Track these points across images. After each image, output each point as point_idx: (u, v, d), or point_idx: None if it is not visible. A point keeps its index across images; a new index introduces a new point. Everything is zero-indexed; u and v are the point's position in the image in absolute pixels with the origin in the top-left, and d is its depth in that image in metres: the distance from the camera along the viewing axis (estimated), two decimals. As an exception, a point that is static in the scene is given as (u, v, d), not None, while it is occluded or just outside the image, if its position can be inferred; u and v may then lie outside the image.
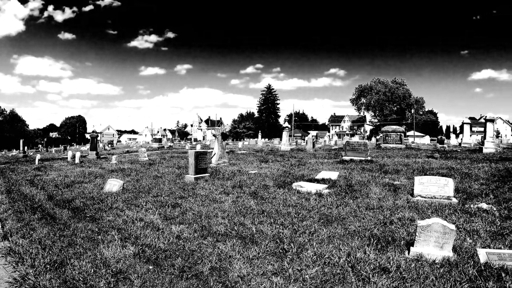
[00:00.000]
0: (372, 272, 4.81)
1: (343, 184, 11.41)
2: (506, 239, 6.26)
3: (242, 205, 8.79)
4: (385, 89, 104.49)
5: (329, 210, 8.29)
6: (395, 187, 10.88)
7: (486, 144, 28.00)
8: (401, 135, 34.69)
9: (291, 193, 10.07)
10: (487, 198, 9.46)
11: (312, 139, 37.33)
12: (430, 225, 5.35)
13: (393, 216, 7.68)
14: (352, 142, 21.04)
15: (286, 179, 12.65)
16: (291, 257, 5.39)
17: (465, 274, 4.74)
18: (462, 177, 12.93)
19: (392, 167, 15.78)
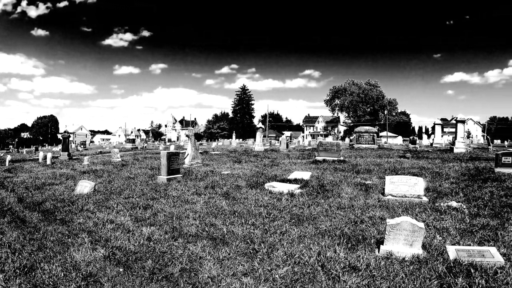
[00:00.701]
0: (342, 270, 4.85)
1: (315, 184, 11.48)
2: (475, 236, 6.43)
3: (214, 206, 8.75)
4: (359, 91, 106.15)
5: (300, 210, 8.35)
6: (367, 186, 11.03)
7: (456, 144, 28.76)
8: (373, 135, 35.26)
9: (263, 194, 10.08)
10: (457, 196, 9.71)
11: (286, 139, 37.48)
12: (399, 223, 5.42)
13: (364, 215, 7.79)
14: (325, 142, 21.25)
15: (258, 179, 12.65)
16: (261, 257, 5.39)
17: (435, 271, 4.82)
18: (433, 176, 13.23)
19: (364, 167, 16.00)
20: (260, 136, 35.65)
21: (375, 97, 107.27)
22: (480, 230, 6.74)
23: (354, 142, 36.26)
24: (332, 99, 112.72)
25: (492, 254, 5.35)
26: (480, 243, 6.13)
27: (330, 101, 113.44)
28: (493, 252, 5.45)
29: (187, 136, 18.83)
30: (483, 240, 6.28)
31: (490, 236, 6.44)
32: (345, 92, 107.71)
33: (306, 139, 74.58)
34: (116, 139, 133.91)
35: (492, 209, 8.36)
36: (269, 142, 64.08)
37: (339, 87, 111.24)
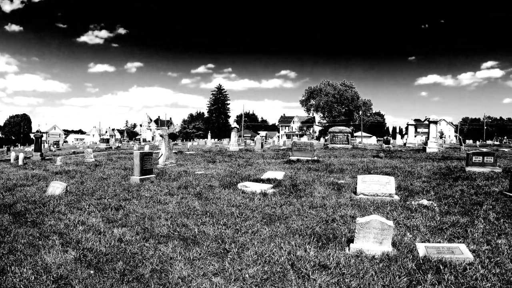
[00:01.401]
0: (312, 269, 4.89)
1: (288, 183, 11.53)
2: (445, 233, 6.58)
3: (186, 206, 8.71)
4: (334, 91, 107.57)
5: (272, 209, 8.38)
6: (340, 186, 11.13)
7: (429, 144, 29.40)
8: (347, 135, 35.67)
9: (236, 193, 10.09)
10: (428, 194, 9.91)
11: (261, 139, 37.54)
12: (368, 221, 5.48)
13: (336, 214, 7.86)
14: (299, 142, 21.36)
15: (232, 179, 12.64)
16: (232, 257, 5.40)
17: (404, 268, 4.88)
18: (405, 175, 13.46)
19: (337, 167, 16.16)
20: (235, 136, 35.64)
21: (350, 98, 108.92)
22: (450, 228, 6.88)
23: (328, 142, 36.63)
24: (308, 99, 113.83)
25: (462, 251, 5.46)
26: (450, 240, 6.26)
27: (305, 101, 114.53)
28: (463, 248, 5.56)
29: (161, 136, 18.64)
30: (453, 237, 6.42)
31: (460, 233, 6.59)
32: (321, 93, 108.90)
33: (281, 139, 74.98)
34: (90, 139, 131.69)
35: (462, 207, 8.56)
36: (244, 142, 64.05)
37: (314, 88, 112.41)
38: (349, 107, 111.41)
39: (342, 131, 36.08)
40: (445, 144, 53.60)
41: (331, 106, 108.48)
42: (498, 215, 7.78)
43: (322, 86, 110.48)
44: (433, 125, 31.42)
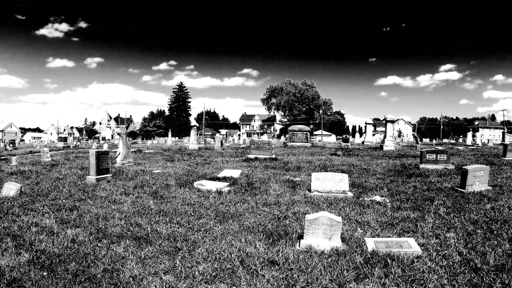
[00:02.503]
0: (261, 265, 4.98)
1: (244, 181, 11.58)
2: (395, 228, 6.80)
3: (141, 205, 8.67)
4: (295, 90, 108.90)
5: (227, 207, 8.44)
6: (295, 183, 11.25)
7: (386, 142, 30.21)
8: (307, 134, 36.11)
9: (191, 192, 10.07)
10: (382, 191, 10.19)
11: (220, 137, 37.48)
12: (317, 218, 5.61)
13: (289, 211, 7.98)
14: (257, 140, 21.40)
15: (189, 178, 12.57)
16: (182, 255, 5.44)
17: (352, 263, 5.02)
18: (361, 172, 13.77)
19: (295, 165, 16.34)
20: (194, 134, 35.49)
21: (311, 97, 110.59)
22: (400, 223, 7.11)
23: (288, 140, 36.98)
24: (269, 98, 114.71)
25: (410, 245, 5.65)
26: (400, 234, 6.47)
27: (266, 100, 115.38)
28: (411, 242, 5.75)
29: (118, 134, 18.32)
30: (403, 231, 6.64)
31: (410, 228, 6.82)
32: (282, 92, 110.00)
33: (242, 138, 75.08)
34: (48, 137, 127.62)
35: (414, 202, 8.85)
36: (204, 140, 63.85)
37: (276, 87, 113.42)
38: (310, 106, 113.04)
39: (302, 130, 36.50)
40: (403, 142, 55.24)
41: (292, 105, 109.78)
42: (449, 210, 8.10)
43: (284, 85, 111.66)
44: (390, 124, 32.29)
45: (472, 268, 4.97)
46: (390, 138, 31.38)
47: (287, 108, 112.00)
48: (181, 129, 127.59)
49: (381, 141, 35.42)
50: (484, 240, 6.17)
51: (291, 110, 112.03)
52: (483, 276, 4.71)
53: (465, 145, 42.83)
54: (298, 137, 35.91)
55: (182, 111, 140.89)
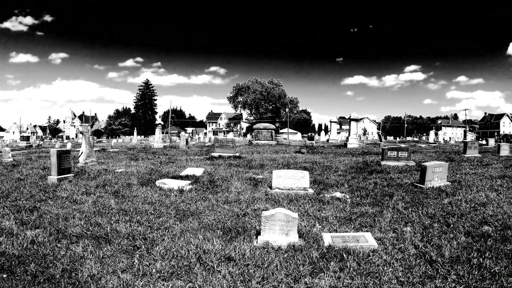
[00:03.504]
0: (218, 261, 5.00)
1: (206, 179, 11.54)
2: (354, 223, 6.95)
3: (102, 205, 8.53)
4: (262, 89, 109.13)
5: (187, 205, 8.42)
6: (257, 181, 11.29)
7: (350, 140, 30.76)
8: (272, 132, 36.30)
9: (153, 191, 9.98)
10: (342, 187, 10.36)
11: (185, 136, 37.17)
12: (273, 214, 5.66)
13: (249, 208, 8.03)
14: (221, 139, 21.34)
15: (151, 176, 12.41)
16: (141, 253, 5.42)
17: (309, 257, 5.08)
18: (323, 169, 13.94)
19: (258, 162, 16.39)
20: (159, 132, 35.12)
21: (278, 96, 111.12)
22: (359, 218, 7.26)
23: (253, 138, 37.05)
24: (236, 96, 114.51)
25: (367, 239, 5.75)
26: (358, 229, 6.61)
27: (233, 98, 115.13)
28: (368, 237, 5.85)
29: (81, 133, 17.77)
30: (361, 226, 6.79)
31: (368, 223, 6.98)
32: (249, 90, 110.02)
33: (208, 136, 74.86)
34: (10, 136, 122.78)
35: (374, 198, 9.05)
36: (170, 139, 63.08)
37: (242, 85, 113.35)
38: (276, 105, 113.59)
39: (267, 128, 36.64)
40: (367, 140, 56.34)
41: (259, 103, 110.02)
42: (407, 205, 8.31)
43: (250, 84, 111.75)
44: (354, 123, 32.92)
45: (427, 261, 5.12)
46: (354, 136, 31.96)
47: (253, 106, 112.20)
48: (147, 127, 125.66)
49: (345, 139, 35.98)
50: (441, 233, 6.36)
51: (258, 108, 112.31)
52: (438, 268, 4.85)
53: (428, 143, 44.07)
54: (263, 135, 36.03)
55: (148, 109, 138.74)
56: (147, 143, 45.67)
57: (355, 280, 4.48)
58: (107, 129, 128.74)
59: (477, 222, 6.95)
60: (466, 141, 23.56)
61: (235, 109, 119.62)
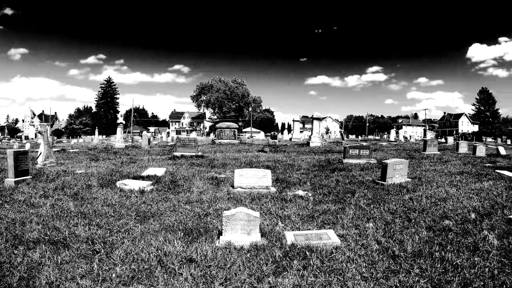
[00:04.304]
0: (179, 264, 4.87)
1: (168, 179, 11.35)
2: (316, 221, 6.95)
3: (60, 208, 8.18)
4: (225, 88, 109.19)
5: (148, 206, 8.21)
6: (219, 180, 11.19)
7: (312, 139, 31.08)
8: (234, 131, 36.21)
9: (113, 192, 9.69)
10: (305, 185, 10.40)
11: (148, 135, 36.61)
12: (234, 214, 5.60)
13: (211, 208, 7.91)
14: (183, 138, 21.10)
15: (112, 177, 12.08)
16: (100, 258, 5.23)
17: (271, 256, 5.02)
18: (286, 168, 13.98)
19: (221, 162, 16.29)
20: (121, 132, 34.46)
21: (241, 95, 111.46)
22: (321, 215, 7.28)
23: (216, 137, 36.83)
24: (199, 95, 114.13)
25: (329, 236, 5.76)
26: (320, 227, 6.62)
27: (196, 97, 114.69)
28: (330, 234, 5.86)
29: (39, 133, 17.17)
30: (324, 224, 6.80)
31: (331, 220, 7.00)
32: (212, 89, 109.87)
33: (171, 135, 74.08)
34: None
35: (336, 195, 9.11)
36: (131, 138, 62.12)
37: (206, 84, 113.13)
38: (240, 104, 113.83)
39: (230, 127, 36.51)
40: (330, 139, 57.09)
41: (222, 102, 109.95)
42: (369, 202, 8.42)
43: (214, 83, 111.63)
44: (316, 122, 33.28)
45: (390, 256, 5.17)
46: (317, 135, 32.30)
47: (216, 105, 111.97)
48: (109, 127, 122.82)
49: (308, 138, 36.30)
50: (403, 228, 6.46)
51: (221, 107, 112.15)
52: (401, 263, 4.91)
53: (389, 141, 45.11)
54: (226, 134, 35.91)
55: (110, 108, 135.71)
56: (109, 143, 44.78)
57: (319, 278, 4.46)
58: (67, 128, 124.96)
59: (438, 216, 7.11)
60: (426, 140, 24.24)
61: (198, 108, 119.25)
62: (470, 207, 7.66)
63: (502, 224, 6.66)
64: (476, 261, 5.01)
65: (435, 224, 6.67)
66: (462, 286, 4.40)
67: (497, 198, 8.65)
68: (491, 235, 6.08)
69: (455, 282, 4.44)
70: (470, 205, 7.84)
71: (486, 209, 7.62)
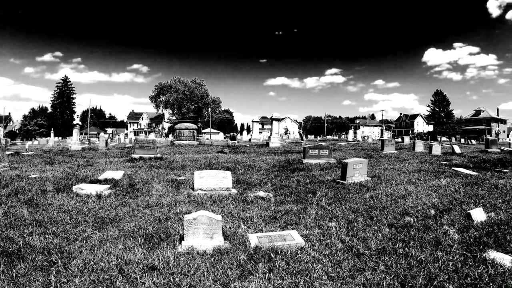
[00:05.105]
0: (141, 272, 4.66)
1: (126, 183, 11.00)
2: (279, 222, 6.89)
3: (14, 215, 7.69)
4: (184, 88, 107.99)
5: (106, 212, 7.87)
6: (179, 182, 10.96)
7: (272, 139, 31.22)
8: (193, 132, 35.86)
9: (70, 197, 9.25)
10: (266, 186, 10.36)
11: (105, 137, 35.70)
12: (196, 218, 5.44)
13: (171, 211, 7.68)
14: (141, 139, 20.68)
15: (68, 182, 11.59)
16: (58, 269, 4.92)
17: (236, 260, 4.90)
18: (246, 169, 13.90)
19: (180, 163, 16.03)
20: (77, 134, 33.45)
21: (200, 95, 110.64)
22: (284, 216, 7.23)
23: (175, 139, 36.39)
24: (158, 95, 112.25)
25: (293, 237, 5.71)
26: (283, 228, 6.56)
27: (155, 97, 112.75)
28: (294, 235, 5.81)
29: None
30: (287, 224, 6.75)
31: (293, 220, 6.97)
32: (171, 89, 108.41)
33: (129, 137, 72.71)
34: None
35: (297, 195, 9.11)
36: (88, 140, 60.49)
37: (165, 84, 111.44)
38: (199, 104, 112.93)
39: (189, 128, 36.13)
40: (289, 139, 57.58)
41: (181, 103, 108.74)
42: (330, 201, 8.45)
43: (173, 83, 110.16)
44: (276, 122, 33.48)
45: (355, 254, 5.18)
46: (276, 136, 32.47)
47: (175, 106, 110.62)
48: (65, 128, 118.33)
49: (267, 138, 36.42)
50: (365, 226, 6.51)
51: (180, 108, 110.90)
52: (366, 261, 4.93)
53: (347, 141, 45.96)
54: (185, 135, 35.51)
55: (66, 108, 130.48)
56: (65, 145, 43.38)
57: (285, 280, 4.39)
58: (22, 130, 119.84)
59: (399, 213, 7.23)
60: (384, 139, 24.80)
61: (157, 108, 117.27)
62: (429, 204, 7.84)
63: (462, 219, 6.86)
64: (439, 256, 5.12)
65: (397, 221, 6.77)
66: (427, 280, 4.45)
67: (454, 194, 8.90)
68: (451, 230, 6.23)
69: (420, 277, 4.49)
70: (430, 202, 8.02)
71: (445, 205, 7.82)
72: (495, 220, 6.87)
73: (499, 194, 9.18)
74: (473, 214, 6.91)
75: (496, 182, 10.68)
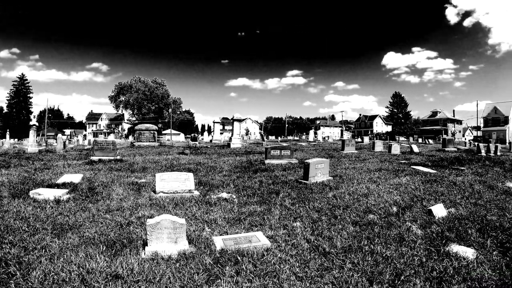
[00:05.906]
0: (105, 281, 4.47)
1: (85, 187, 10.64)
2: (244, 223, 6.84)
3: None
4: (145, 88, 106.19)
5: (65, 218, 7.53)
6: (140, 185, 10.70)
7: (233, 140, 31.18)
8: (154, 133, 35.32)
9: (27, 203, 8.81)
10: (228, 187, 10.28)
11: (63, 138, 34.60)
12: (159, 222, 5.29)
13: (133, 216, 7.45)
14: (100, 141, 20.15)
15: (25, 186, 11.07)
16: (16, 282, 4.64)
17: (202, 264, 4.80)
18: (208, 170, 13.76)
19: (141, 165, 15.72)
20: (34, 135, 32.18)
21: (161, 96, 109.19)
22: (248, 217, 7.18)
23: (135, 140, 35.74)
24: (117, 95, 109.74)
25: (259, 238, 5.67)
26: (248, 229, 6.50)
27: (115, 97, 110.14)
28: (259, 236, 5.76)
29: None
30: (252, 226, 6.71)
31: (258, 221, 6.93)
32: (131, 89, 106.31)
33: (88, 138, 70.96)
34: None
35: (261, 196, 9.08)
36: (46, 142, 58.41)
37: (125, 84, 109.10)
38: (160, 105, 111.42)
39: (149, 129, 35.55)
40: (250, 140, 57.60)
41: (141, 103, 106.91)
42: (294, 201, 8.47)
43: (133, 83, 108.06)
44: (237, 123, 33.45)
45: (321, 253, 5.21)
46: (237, 136, 32.42)
47: (136, 106, 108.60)
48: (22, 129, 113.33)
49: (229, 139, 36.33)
50: (330, 225, 6.56)
51: (140, 108, 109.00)
52: (333, 259, 4.97)
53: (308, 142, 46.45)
54: (145, 136, 34.91)
55: (22, 108, 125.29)
56: (21, 147, 41.74)
57: (253, 283, 4.34)
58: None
59: (362, 211, 7.33)
60: (344, 139, 25.27)
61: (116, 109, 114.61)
62: (391, 201, 7.99)
63: (423, 215, 7.04)
64: (404, 251, 5.22)
65: (361, 219, 6.86)
66: (394, 276, 4.52)
67: (415, 191, 9.13)
68: (414, 226, 6.38)
69: (387, 273, 4.55)
70: (391, 199, 8.18)
71: (406, 202, 8.00)
72: (456, 215, 7.10)
73: (457, 190, 9.50)
74: (434, 210, 7.09)
75: (455, 179, 11.04)
